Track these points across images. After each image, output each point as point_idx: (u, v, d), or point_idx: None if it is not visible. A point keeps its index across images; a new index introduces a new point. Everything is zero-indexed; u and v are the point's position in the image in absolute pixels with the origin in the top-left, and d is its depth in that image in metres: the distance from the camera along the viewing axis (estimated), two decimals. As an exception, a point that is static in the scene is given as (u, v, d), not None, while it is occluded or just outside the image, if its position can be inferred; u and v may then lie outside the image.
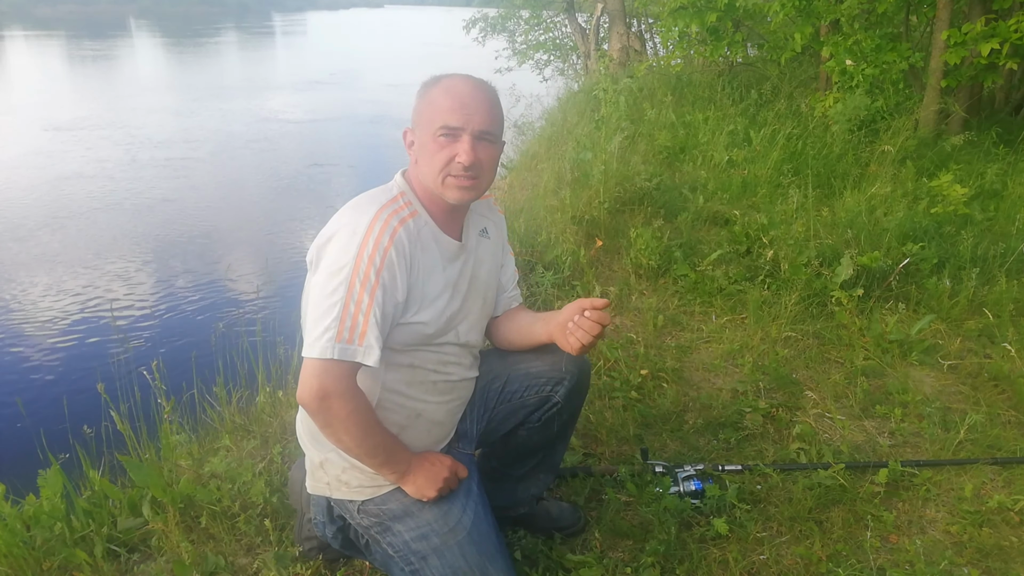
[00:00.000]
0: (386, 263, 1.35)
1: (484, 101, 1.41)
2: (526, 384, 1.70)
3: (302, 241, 6.59)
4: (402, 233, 1.40)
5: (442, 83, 1.42)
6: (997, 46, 5.15)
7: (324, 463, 1.55)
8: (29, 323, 4.85)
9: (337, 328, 1.31)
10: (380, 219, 1.38)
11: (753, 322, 3.17)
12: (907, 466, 2.23)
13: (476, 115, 1.39)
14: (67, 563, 1.86)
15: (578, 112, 7.77)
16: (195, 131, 11.37)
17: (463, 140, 1.39)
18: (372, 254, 1.34)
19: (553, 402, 1.70)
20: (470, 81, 1.43)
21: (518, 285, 1.78)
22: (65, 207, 7.34)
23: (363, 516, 1.55)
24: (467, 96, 1.40)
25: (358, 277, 1.33)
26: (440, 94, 1.40)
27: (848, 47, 5.81)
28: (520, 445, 1.78)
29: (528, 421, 1.73)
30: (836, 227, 3.92)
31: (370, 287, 1.33)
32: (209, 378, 2.74)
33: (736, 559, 1.88)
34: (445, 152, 1.39)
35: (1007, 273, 3.48)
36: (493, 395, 1.73)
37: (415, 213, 1.46)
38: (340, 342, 1.31)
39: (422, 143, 1.43)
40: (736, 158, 5.42)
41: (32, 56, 24.57)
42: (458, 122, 1.38)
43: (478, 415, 1.73)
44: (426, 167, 1.43)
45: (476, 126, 1.39)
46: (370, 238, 1.35)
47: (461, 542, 1.48)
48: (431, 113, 1.40)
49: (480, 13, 15.00)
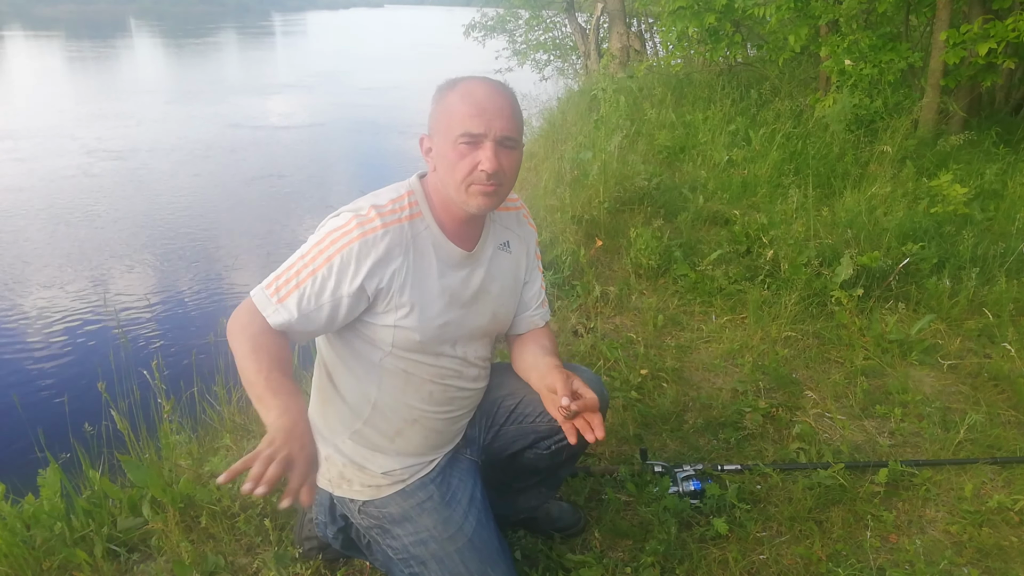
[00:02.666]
0: (344, 251, 1.35)
1: (505, 105, 1.35)
2: (540, 410, 1.62)
3: (301, 240, 6.58)
4: (384, 233, 1.36)
5: (459, 87, 1.36)
6: (995, 46, 5.15)
7: (328, 458, 1.55)
8: (29, 323, 4.85)
9: (272, 280, 1.36)
10: (367, 216, 1.37)
11: (753, 322, 3.17)
12: (907, 466, 2.23)
13: (497, 120, 1.33)
14: (67, 563, 1.86)
15: (578, 112, 7.77)
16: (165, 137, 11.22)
17: (485, 147, 1.33)
18: (337, 239, 1.35)
19: (562, 435, 1.60)
20: (489, 84, 1.37)
21: (544, 304, 1.68)
22: (64, 209, 7.34)
23: (364, 517, 1.55)
24: (487, 101, 1.33)
25: (315, 249, 1.36)
26: (458, 99, 1.34)
27: (846, 47, 5.81)
28: (525, 465, 1.75)
29: (537, 446, 1.68)
30: (836, 227, 3.92)
31: (317, 264, 1.35)
32: (209, 377, 2.75)
33: (736, 559, 1.88)
34: (467, 160, 1.33)
35: (1007, 273, 3.48)
36: (504, 412, 1.68)
37: (418, 215, 1.42)
38: (267, 290, 1.35)
39: (441, 151, 1.37)
40: (736, 158, 5.42)
41: (18, 57, 24.46)
42: (479, 128, 1.32)
43: (486, 425, 1.70)
44: (447, 176, 1.37)
45: (498, 132, 1.33)
46: (348, 225, 1.36)
47: (461, 549, 1.47)
48: (450, 120, 1.34)
49: (480, 13, 15.00)
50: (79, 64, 22.44)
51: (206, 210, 7.52)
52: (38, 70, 20.29)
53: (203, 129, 11.81)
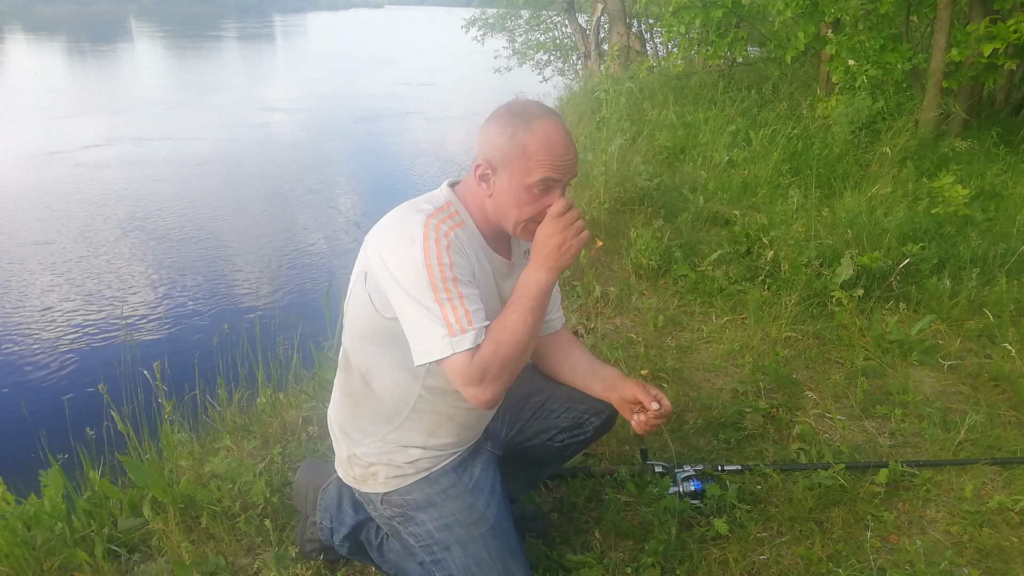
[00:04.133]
0: (453, 247, 1.35)
1: (575, 151, 1.41)
2: (567, 407, 1.72)
3: (302, 244, 6.60)
4: (456, 234, 1.39)
5: (537, 129, 1.37)
6: (999, 46, 5.15)
7: (352, 457, 1.57)
8: (30, 325, 4.86)
9: (446, 329, 1.31)
10: (431, 224, 1.37)
11: (753, 322, 3.17)
12: (907, 466, 2.23)
13: (572, 168, 1.40)
14: (67, 563, 1.86)
15: (578, 113, 7.78)
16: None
17: (557, 192, 1.39)
18: (439, 253, 1.33)
19: (584, 431, 1.73)
20: (563, 129, 1.41)
21: (560, 309, 1.77)
22: (64, 208, 7.35)
23: (386, 507, 1.56)
24: (563, 146, 1.38)
25: (435, 278, 1.32)
26: (539, 144, 1.36)
27: (851, 46, 5.81)
28: (526, 452, 1.79)
29: (553, 440, 1.75)
30: (836, 227, 3.92)
31: (450, 279, 1.32)
32: (210, 379, 2.75)
33: (736, 559, 1.89)
34: (538, 204, 1.39)
35: (1007, 273, 3.48)
36: (532, 408, 1.74)
37: (461, 223, 1.44)
38: (455, 337, 1.31)
39: (509, 188, 1.39)
40: (736, 158, 5.43)
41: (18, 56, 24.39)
42: (559, 175, 1.38)
43: (510, 420, 1.74)
44: (510, 210, 1.40)
45: (569, 177, 1.41)
46: (430, 236, 1.34)
47: (484, 535, 1.50)
48: (527, 163, 1.36)
49: (480, 12, 15.03)
50: (81, 63, 22.46)
51: (207, 211, 7.53)
52: (38, 70, 20.32)
53: (203, 130, 11.83)
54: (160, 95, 15.72)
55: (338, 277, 5.73)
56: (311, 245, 6.57)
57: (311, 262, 6.12)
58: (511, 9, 14.58)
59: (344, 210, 7.70)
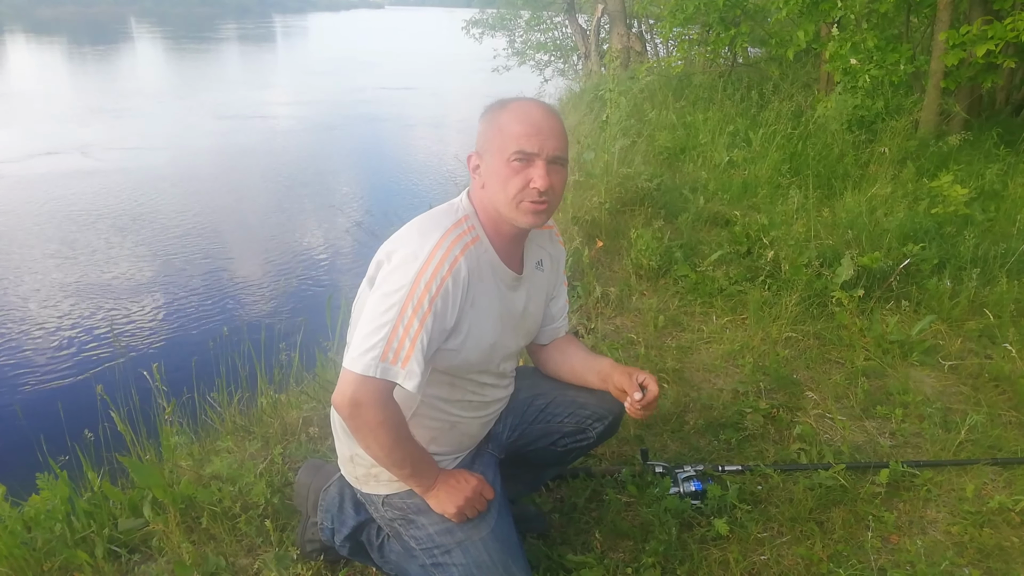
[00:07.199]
0: (441, 292, 1.35)
1: (556, 126, 1.42)
2: (570, 411, 1.73)
3: (303, 244, 6.60)
4: (462, 262, 1.39)
5: (512, 108, 1.42)
6: (994, 47, 5.15)
7: (354, 457, 1.57)
8: (30, 326, 4.86)
9: (383, 348, 1.31)
10: (443, 246, 1.38)
11: (754, 322, 3.17)
12: (908, 466, 2.23)
13: (550, 140, 1.40)
14: (68, 564, 1.86)
15: (579, 113, 7.78)
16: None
17: (537, 165, 1.39)
18: (429, 281, 1.34)
19: (587, 436, 1.74)
20: (541, 106, 1.44)
21: (566, 316, 1.79)
22: (64, 209, 7.35)
23: (387, 509, 1.57)
24: (540, 121, 1.40)
25: (412, 302, 1.32)
26: (512, 119, 1.40)
27: (852, 44, 5.80)
28: (529, 457, 1.80)
29: (556, 444, 1.76)
30: (836, 228, 3.92)
31: (421, 313, 1.32)
32: (210, 381, 2.75)
33: (737, 559, 1.88)
34: (520, 177, 1.39)
35: (1008, 273, 3.48)
36: (534, 411, 1.74)
37: (477, 239, 1.45)
38: (384, 362, 1.31)
39: (492, 168, 1.42)
40: (736, 159, 5.43)
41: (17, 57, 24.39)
42: (533, 147, 1.38)
43: (513, 423, 1.74)
44: (499, 192, 1.42)
45: (550, 151, 1.40)
46: (430, 265, 1.35)
47: (485, 538, 1.50)
48: (503, 139, 1.40)
49: (480, 13, 15.04)
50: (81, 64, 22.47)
51: (207, 214, 7.53)
52: (40, 71, 20.32)
53: (203, 131, 11.83)
54: (157, 96, 15.71)
55: (342, 278, 5.73)
56: (312, 245, 6.57)
57: (313, 262, 6.12)
58: (511, 10, 14.59)
59: (346, 211, 7.70)
